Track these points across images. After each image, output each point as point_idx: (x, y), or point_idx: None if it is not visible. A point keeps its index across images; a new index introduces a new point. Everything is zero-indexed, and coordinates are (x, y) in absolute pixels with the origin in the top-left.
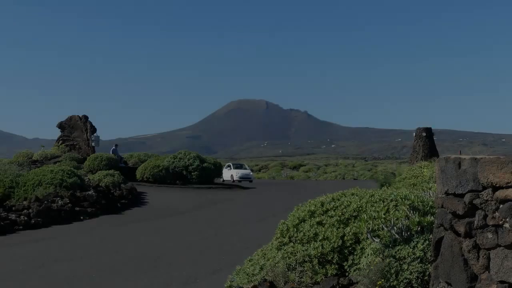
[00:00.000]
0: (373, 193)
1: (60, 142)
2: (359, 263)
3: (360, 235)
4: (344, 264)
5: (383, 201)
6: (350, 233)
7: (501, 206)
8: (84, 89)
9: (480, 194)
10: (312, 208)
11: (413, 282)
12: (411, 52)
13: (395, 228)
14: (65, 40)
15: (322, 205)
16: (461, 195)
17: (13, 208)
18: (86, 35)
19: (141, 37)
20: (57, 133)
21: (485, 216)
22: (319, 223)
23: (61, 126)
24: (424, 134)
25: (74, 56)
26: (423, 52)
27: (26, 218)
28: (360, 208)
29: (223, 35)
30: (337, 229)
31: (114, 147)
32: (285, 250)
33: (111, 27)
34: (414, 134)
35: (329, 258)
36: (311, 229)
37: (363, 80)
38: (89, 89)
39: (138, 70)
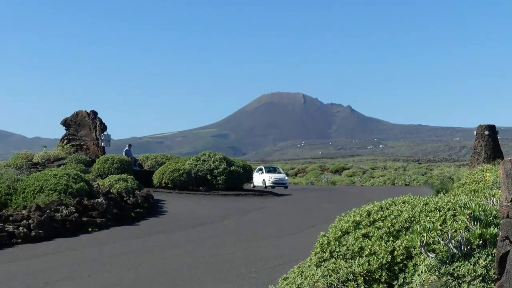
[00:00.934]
0: (428, 201)
1: (65, 141)
2: (412, 281)
3: (413, 249)
4: (394, 283)
5: (439, 210)
6: (401, 247)
7: None
8: (92, 81)
9: None
10: (357, 219)
11: None
12: (472, 40)
13: (453, 241)
14: (70, 28)
15: (369, 214)
16: None
17: (11, 218)
18: (94, 21)
19: (158, 24)
20: (61, 131)
21: None
22: (365, 236)
23: (66, 123)
24: (486, 132)
25: (81, 45)
26: (485, 41)
27: (25, 230)
28: (412, 219)
29: (252, 21)
30: (385, 243)
31: (127, 148)
32: (325, 267)
33: (125, 15)
34: (475, 132)
35: (377, 276)
36: (356, 243)
37: (415, 71)
38: (98, 82)
39: (155, 60)
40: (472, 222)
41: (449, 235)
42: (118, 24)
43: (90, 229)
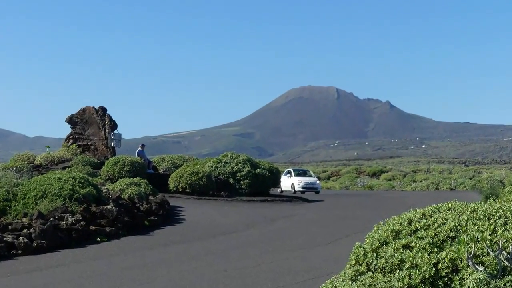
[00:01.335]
0: (476, 207)
1: (70, 141)
2: None
3: (459, 261)
4: None
5: (489, 218)
6: (446, 260)
7: None
8: (101, 75)
9: None
10: (397, 227)
11: None
12: None
13: (504, 253)
14: (74, 16)
15: (410, 223)
16: None
17: (10, 227)
18: (102, 8)
19: (175, 12)
20: (66, 130)
21: None
22: (406, 247)
23: (71, 121)
24: None
25: (87, 36)
26: None
27: (26, 240)
28: (459, 227)
29: (279, 9)
30: (429, 254)
31: (140, 148)
32: (361, 281)
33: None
34: None
35: None
36: (396, 254)
37: (462, 63)
38: (107, 76)
39: (171, 52)
40: None
41: (500, 245)
42: (129, 10)
43: (98, 239)
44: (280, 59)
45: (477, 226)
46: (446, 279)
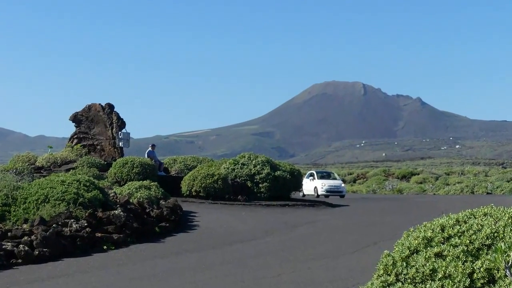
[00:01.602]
0: None
1: (75, 141)
2: None
3: (496, 271)
4: None
5: None
6: (482, 269)
7: None
8: (107, 70)
9: None
10: (429, 234)
11: None
12: None
13: None
14: (78, 6)
15: (443, 229)
16: None
17: (9, 234)
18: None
19: (189, 3)
20: (70, 129)
21: None
22: (438, 255)
23: (76, 119)
24: None
25: (92, 28)
26: None
27: (27, 248)
28: (495, 234)
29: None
30: (463, 264)
31: (150, 149)
32: None
33: None
34: None
35: None
36: (427, 264)
37: (499, 57)
38: (113, 70)
39: (184, 45)
40: None
41: None
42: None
43: (105, 247)
44: (302, 52)
45: None
46: None
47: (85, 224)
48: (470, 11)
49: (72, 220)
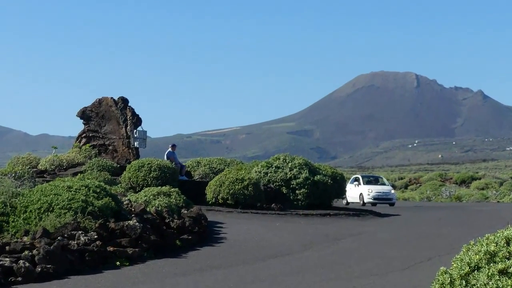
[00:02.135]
0: None
1: (83, 140)
2: None
3: None
4: None
5: None
6: None
7: None
8: (120, 62)
9: None
10: (492, 249)
11: None
12: None
13: None
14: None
15: (508, 243)
16: None
17: (7, 248)
18: None
19: None
20: (77, 126)
21: None
22: (503, 272)
23: (84, 115)
24: None
25: (102, 14)
26: None
27: (27, 264)
28: None
29: None
30: None
31: (170, 149)
32: None
33: None
34: None
35: None
36: (490, 282)
37: None
38: (127, 62)
39: (207, 32)
40: None
41: None
42: None
43: (118, 262)
44: (345, 39)
45: None
46: None
47: (95, 236)
48: None
49: (80, 232)
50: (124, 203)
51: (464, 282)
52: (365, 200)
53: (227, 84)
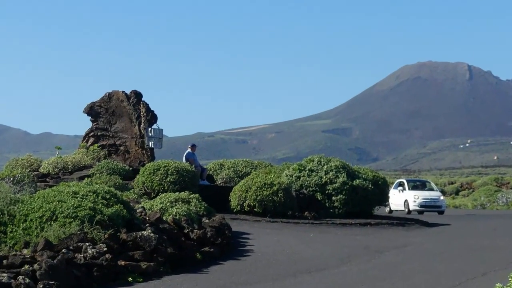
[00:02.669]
0: None
1: (91, 140)
2: None
3: None
4: None
5: None
6: None
7: None
8: (132, 52)
9: None
10: None
11: None
12: None
13: None
14: None
15: None
16: None
17: (5, 261)
18: None
19: None
20: (84, 124)
21: None
22: None
23: (92, 111)
24: None
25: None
26: None
27: (28, 280)
28: None
29: None
30: None
31: (189, 150)
32: None
33: None
34: None
35: None
36: None
37: None
38: (140, 52)
39: (233, 18)
40: None
41: None
42: None
43: (130, 278)
44: (388, 25)
45: None
46: None
47: (104, 249)
48: None
49: (87, 244)
50: (137, 211)
51: None
52: (411, 208)
53: (254, 76)
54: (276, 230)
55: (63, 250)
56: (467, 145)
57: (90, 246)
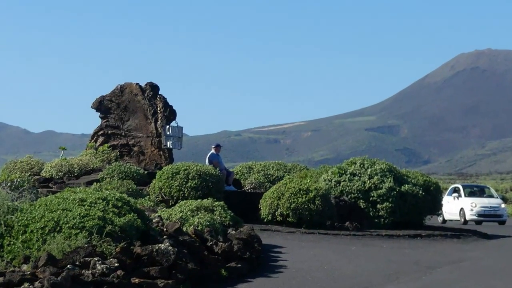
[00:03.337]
0: None
1: (100, 139)
2: None
3: None
4: None
5: None
6: None
7: None
8: (148, 43)
9: None
10: None
11: None
12: None
13: None
14: None
15: None
16: None
17: (1, 279)
18: None
19: None
20: (93, 121)
21: None
22: None
23: (101, 106)
24: None
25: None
26: None
27: None
28: None
29: None
30: None
31: (213, 151)
32: None
33: None
34: None
35: None
36: None
37: None
38: (157, 43)
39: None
40: None
41: None
42: None
43: None
44: (441, 9)
45: None
46: None
47: (116, 264)
48: None
49: (96, 259)
50: (154, 221)
51: None
52: (467, 217)
53: (288, 67)
54: (313, 243)
55: (68, 266)
56: None
57: (99, 261)
